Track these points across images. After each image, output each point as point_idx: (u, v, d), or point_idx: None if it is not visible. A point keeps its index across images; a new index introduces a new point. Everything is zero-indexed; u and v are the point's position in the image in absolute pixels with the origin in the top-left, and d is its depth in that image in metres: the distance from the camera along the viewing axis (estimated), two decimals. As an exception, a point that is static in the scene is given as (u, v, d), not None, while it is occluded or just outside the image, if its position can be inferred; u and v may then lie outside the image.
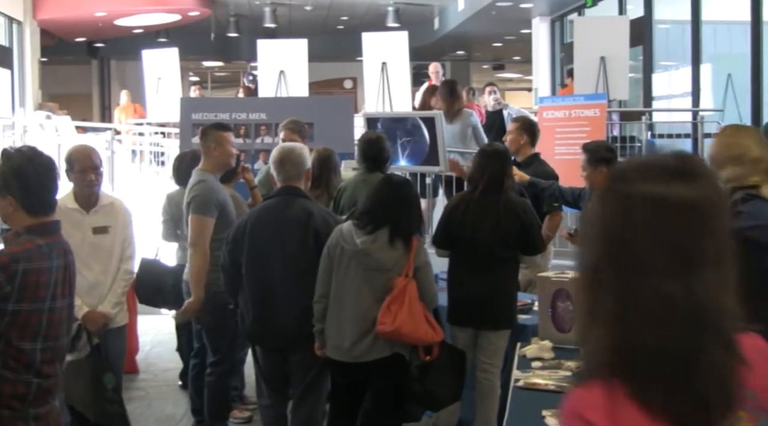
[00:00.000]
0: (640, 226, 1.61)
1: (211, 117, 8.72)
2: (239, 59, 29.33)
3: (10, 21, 18.95)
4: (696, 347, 1.60)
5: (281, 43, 14.68)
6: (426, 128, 8.18)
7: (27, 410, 3.77)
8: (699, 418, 1.60)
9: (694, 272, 1.60)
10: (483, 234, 5.70)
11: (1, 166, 3.83)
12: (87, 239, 5.43)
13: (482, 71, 32.62)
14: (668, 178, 1.63)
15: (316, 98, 15.19)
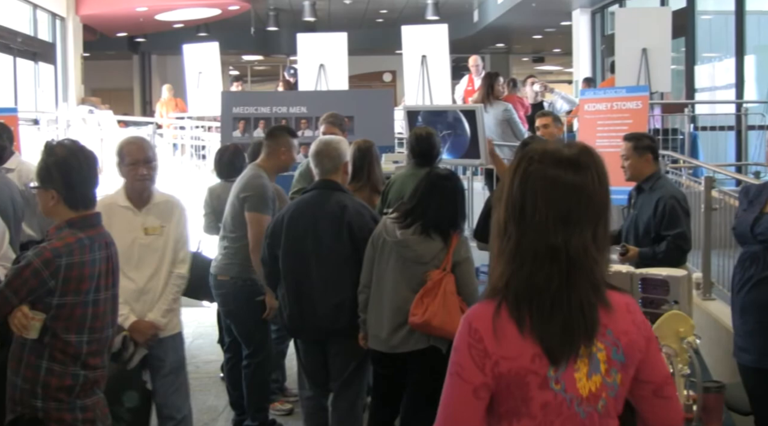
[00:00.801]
0: (537, 197, 2.24)
1: (252, 111, 8.77)
2: (279, 53, 29.40)
3: (54, 17, 19.14)
4: (568, 284, 2.23)
5: (321, 36, 14.69)
6: (467, 121, 8.14)
7: (74, 402, 3.82)
8: (562, 340, 2.22)
9: (572, 232, 2.23)
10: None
11: (44, 160, 3.87)
12: (138, 240, 5.03)
13: (522, 64, 32.48)
14: (562, 165, 2.26)
15: (356, 91, 15.19)
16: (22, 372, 3.78)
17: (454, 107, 10.28)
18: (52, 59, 19.13)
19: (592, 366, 2.26)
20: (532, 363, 2.22)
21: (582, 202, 2.24)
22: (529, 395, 2.23)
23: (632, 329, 2.32)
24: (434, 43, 13.91)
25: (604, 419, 2.30)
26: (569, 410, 2.25)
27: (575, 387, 2.25)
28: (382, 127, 8.70)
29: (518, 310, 2.23)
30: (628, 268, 4.94)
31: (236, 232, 5.94)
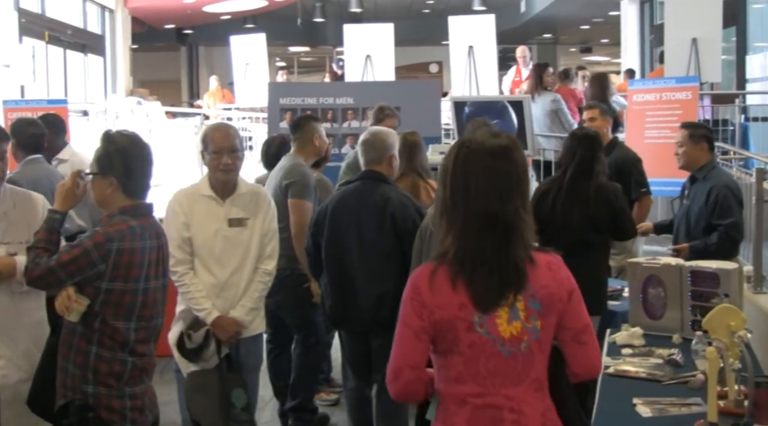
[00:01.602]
0: (478, 179, 2.73)
1: (299, 102, 8.79)
2: (325, 44, 29.45)
3: (103, 9, 19.33)
4: (507, 245, 2.72)
5: (367, 27, 14.69)
6: (514, 112, 8.11)
7: (123, 388, 3.85)
8: (497, 292, 2.70)
9: (506, 203, 2.72)
10: (573, 219, 5.64)
11: (105, 147, 3.91)
12: (221, 232, 4.82)
13: (569, 54, 32.27)
14: (494, 152, 2.76)
15: (403, 82, 15.16)
16: (72, 357, 3.83)
17: (501, 98, 10.23)
18: (101, 51, 19.33)
19: (512, 313, 2.72)
20: (460, 311, 2.71)
21: (511, 180, 2.75)
22: (458, 337, 2.73)
23: (552, 284, 2.78)
24: (481, 34, 13.87)
25: (529, 357, 2.75)
26: (492, 349, 2.72)
27: (497, 330, 2.72)
28: (429, 118, 8.68)
29: (460, 269, 2.72)
30: (678, 261, 4.90)
31: (280, 222, 5.93)
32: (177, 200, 4.89)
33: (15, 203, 4.26)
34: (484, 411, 2.74)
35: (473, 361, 2.73)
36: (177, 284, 4.78)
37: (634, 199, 6.79)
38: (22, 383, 4.15)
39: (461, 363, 2.74)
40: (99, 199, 3.98)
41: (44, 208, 4.33)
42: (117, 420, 3.84)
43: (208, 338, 4.76)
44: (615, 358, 4.44)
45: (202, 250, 4.84)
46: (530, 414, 2.74)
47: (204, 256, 4.84)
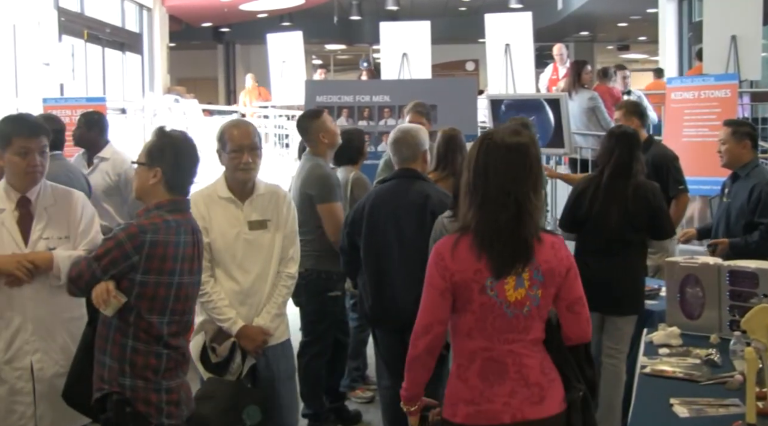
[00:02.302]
0: (497, 164, 3.24)
1: (335, 99, 8.81)
2: (361, 42, 29.46)
3: (141, 8, 19.46)
4: (518, 223, 3.23)
5: (404, 25, 14.69)
6: (551, 110, 8.08)
7: (160, 382, 3.89)
8: (504, 262, 3.23)
9: (519, 186, 3.24)
10: (611, 218, 5.61)
11: (158, 139, 3.98)
12: (242, 236, 4.66)
13: (607, 52, 32.04)
14: (512, 144, 3.27)
15: (440, 80, 15.17)
16: (109, 350, 3.87)
17: (538, 96, 10.21)
18: (139, 49, 19.46)
19: (518, 282, 3.26)
20: (475, 275, 3.26)
21: (524, 169, 3.26)
22: (472, 297, 3.27)
23: (553, 260, 3.32)
24: (518, 32, 13.82)
25: (529, 321, 3.31)
26: (499, 310, 3.27)
27: (505, 295, 3.26)
28: (466, 116, 8.64)
29: (480, 240, 3.24)
30: (716, 260, 4.86)
31: (305, 225, 5.85)
32: (194, 203, 4.49)
33: (55, 199, 4.32)
34: (492, 363, 3.31)
35: (482, 319, 3.29)
36: (198, 293, 4.47)
37: (672, 197, 6.76)
38: (57, 377, 4.22)
39: (472, 320, 3.30)
40: (140, 189, 4.03)
41: (83, 205, 4.38)
42: (154, 413, 3.88)
43: (234, 351, 4.58)
44: (652, 358, 4.42)
45: (223, 255, 4.66)
46: (530, 364, 3.32)
47: (225, 262, 4.67)
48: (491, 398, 3.29)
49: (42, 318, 4.21)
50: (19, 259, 4.12)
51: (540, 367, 3.34)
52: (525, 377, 3.30)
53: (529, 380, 3.31)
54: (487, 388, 3.30)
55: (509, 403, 3.28)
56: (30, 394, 4.20)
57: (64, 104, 10.64)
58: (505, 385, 3.29)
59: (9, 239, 4.19)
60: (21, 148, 4.16)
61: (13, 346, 4.19)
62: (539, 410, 3.30)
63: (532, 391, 3.30)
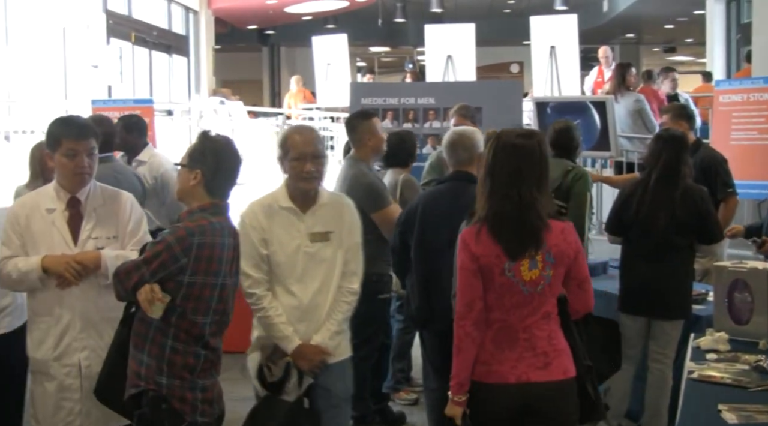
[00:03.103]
0: (501, 163, 3.73)
1: (380, 102, 8.83)
2: (406, 45, 29.48)
3: (187, 11, 19.63)
4: (521, 214, 3.70)
5: (448, 27, 14.69)
6: (597, 113, 8.04)
7: (195, 381, 3.93)
8: (515, 247, 3.70)
9: (522, 182, 3.70)
10: (658, 222, 5.57)
11: (202, 142, 4.04)
12: (303, 248, 4.40)
13: (653, 54, 31.81)
14: (518, 145, 3.74)
15: (485, 82, 15.11)
16: (147, 348, 3.90)
17: (583, 98, 10.16)
18: (185, 52, 19.63)
19: (531, 263, 3.72)
20: (496, 259, 3.73)
21: (528, 167, 3.73)
22: (493, 278, 3.74)
23: (563, 244, 3.78)
24: (563, 34, 13.77)
25: (542, 297, 3.77)
26: (516, 288, 3.74)
27: (521, 275, 3.72)
28: (511, 119, 8.59)
29: (494, 228, 3.73)
30: (765, 265, 4.83)
31: None
32: (253, 213, 4.43)
33: (104, 200, 4.38)
34: (504, 331, 3.79)
35: (501, 296, 3.76)
36: (254, 308, 4.40)
37: (720, 200, 6.70)
38: (104, 375, 4.27)
39: (493, 297, 3.77)
40: (181, 190, 4.09)
41: (132, 205, 4.43)
42: (188, 411, 3.92)
43: (289, 371, 4.35)
44: (699, 363, 4.38)
45: (283, 269, 4.41)
46: (539, 335, 3.78)
47: (284, 275, 4.41)
48: (501, 361, 3.78)
49: (90, 316, 4.27)
50: (68, 261, 4.17)
51: (548, 338, 3.81)
52: (533, 346, 3.78)
53: (536, 349, 3.78)
54: (499, 352, 3.79)
55: (516, 367, 3.76)
56: (78, 390, 4.26)
57: (112, 106, 10.74)
58: (514, 351, 3.78)
59: (59, 239, 4.25)
60: (69, 150, 4.22)
61: (62, 343, 4.26)
62: (543, 375, 3.77)
63: (537, 358, 3.77)
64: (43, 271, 4.17)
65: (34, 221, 4.27)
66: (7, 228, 4.29)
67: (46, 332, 4.28)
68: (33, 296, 4.33)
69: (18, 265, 4.20)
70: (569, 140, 6.35)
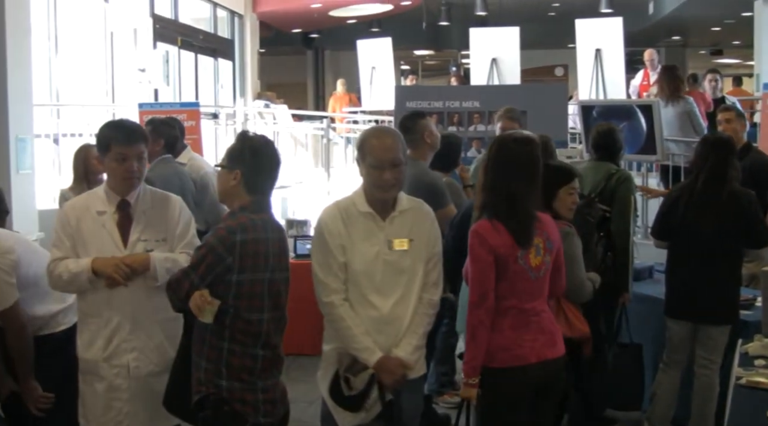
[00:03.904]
0: (496, 165, 4.12)
1: (425, 105, 8.84)
2: (450, 48, 29.45)
3: (232, 15, 19.73)
4: (509, 207, 4.04)
5: (493, 31, 14.66)
6: (643, 116, 7.98)
7: (255, 382, 3.97)
8: (523, 234, 4.05)
9: (512, 180, 4.06)
10: (705, 226, 5.53)
11: (240, 143, 4.08)
12: (382, 256, 4.13)
13: (699, 57, 31.50)
14: (515, 150, 4.12)
15: (530, 86, 15.09)
16: (205, 353, 3.95)
17: (629, 102, 10.10)
18: (230, 55, 19.72)
19: (536, 251, 4.09)
20: (511, 249, 4.03)
21: (521, 169, 4.09)
22: (508, 267, 4.04)
23: (554, 232, 4.24)
24: (609, 37, 13.71)
25: (543, 280, 4.17)
26: (526, 275, 4.07)
27: (530, 262, 4.07)
28: (555, 122, 8.61)
29: (505, 221, 4.04)
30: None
31: None
32: (330, 217, 4.17)
33: (153, 203, 4.43)
34: (519, 316, 4.09)
35: (513, 283, 4.06)
36: (330, 318, 4.15)
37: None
38: (152, 376, 4.33)
39: (507, 286, 4.06)
40: (221, 191, 4.14)
41: (181, 208, 4.48)
42: (251, 412, 3.96)
43: (372, 384, 4.05)
44: (747, 370, 4.35)
45: (361, 277, 4.11)
46: (545, 316, 4.18)
47: (363, 284, 4.11)
48: (521, 344, 4.07)
49: (139, 318, 4.32)
50: (118, 263, 4.22)
51: (549, 318, 4.24)
52: (542, 326, 4.14)
53: (544, 328, 4.15)
54: (518, 336, 4.07)
55: (533, 347, 4.08)
56: (126, 391, 4.31)
57: (159, 109, 10.79)
58: (529, 333, 4.10)
59: (109, 241, 4.30)
60: (119, 155, 4.27)
61: (111, 344, 4.31)
62: (554, 351, 4.16)
63: (547, 336, 4.15)
64: (92, 272, 4.22)
65: (85, 223, 4.33)
66: (58, 230, 4.36)
67: (95, 333, 4.34)
68: (83, 298, 4.39)
69: (69, 267, 4.26)
70: (612, 142, 6.32)
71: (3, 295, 4.58)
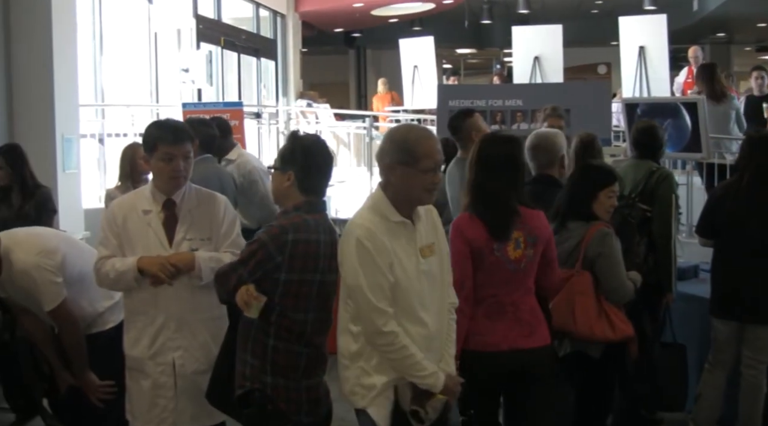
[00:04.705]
0: (478, 164, 4.38)
1: (468, 104, 8.81)
2: (492, 46, 29.34)
3: (275, 14, 19.81)
4: (489, 203, 4.31)
5: (536, 29, 14.61)
6: (688, 114, 7.91)
7: (300, 380, 3.97)
8: (497, 228, 4.27)
9: (492, 179, 4.32)
10: (750, 224, 5.47)
11: (291, 143, 4.06)
12: (420, 266, 3.80)
13: (744, 54, 31.12)
14: (496, 148, 4.45)
15: (573, 83, 14.96)
16: (250, 348, 3.96)
17: (674, 99, 10.00)
18: (273, 55, 19.79)
19: (516, 244, 4.27)
20: (486, 241, 4.27)
21: (501, 167, 4.34)
22: (484, 258, 4.27)
23: (539, 227, 4.37)
24: (652, 34, 13.60)
25: (525, 274, 4.33)
26: (504, 266, 4.28)
27: (508, 254, 4.27)
28: (599, 120, 8.54)
29: (481, 215, 4.28)
30: None
31: None
32: (374, 233, 3.71)
33: (199, 202, 4.46)
34: (494, 305, 4.31)
35: (491, 274, 4.28)
36: (390, 349, 3.69)
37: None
38: (197, 374, 4.37)
39: (484, 275, 4.29)
40: (276, 192, 4.13)
41: (226, 207, 4.51)
42: (294, 411, 3.96)
43: (447, 410, 3.83)
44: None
45: (408, 294, 3.74)
46: (523, 308, 4.33)
47: (410, 302, 3.74)
48: (494, 332, 4.27)
49: (184, 316, 4.36)
50: (163, 262, 4.26)
51: (530, 310, 4.37)
52: (519, 318, 4.31)
53: (522, 320, 4.31)
54: (491, 324, 4.28)
55: (507, 336, 4.27)
56: (171, 388, 4.36)
57: (203, 109, 10.88)
58: (503, 322, 4.29)
59: (155, 240, 4.35)
60: (165, 154, 4.30)
61: (156, 342, 4.36)
62: (529, 342, 4.30)
63: (523, 327, 4.30)
64: (138, 271, 4.27)
65: (131, 222, 4.37)
66: (105, 228, 4.41)
67: (141, 331, 4.39)
68: (129, 296, 4.44)
69: (115, 265, 4.31)
70: (652, 139, 6.23)
71: (51, 295, 4.67)
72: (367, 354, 3.75)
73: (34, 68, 9.09)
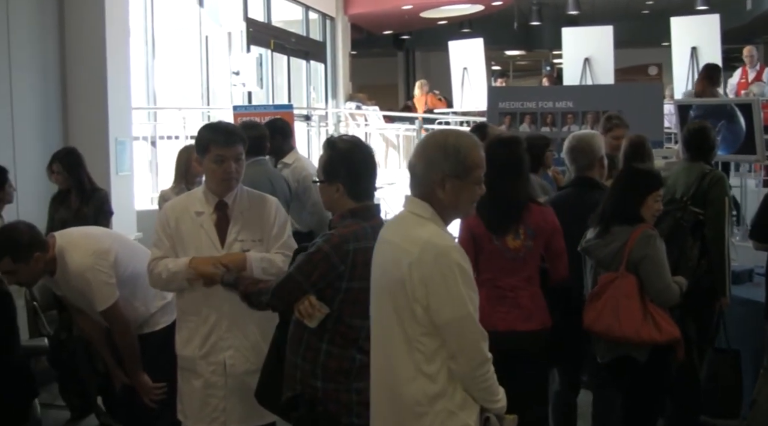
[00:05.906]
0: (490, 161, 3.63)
1: (518, 105, 8.81)
2: (541, 48, 29.21)
3: (324, 17, 19.88)
4: (498, 199, 4.56)
5: (586, 30, 14.51)
6: (742, 116, 7.82)
7: (350, 384, 3.95)
8: (493, 222, 4.79)
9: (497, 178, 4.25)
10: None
11: (329, 154, 3.99)
12: None
13: (799, 54, 30.67)
14: (501, 147, 4.85)
15: (624, 85, 14.84)
16: (302, 352, 3.94)
17: (728, 101, 9.87)
18: (322, 58, 19.86)
19: (515, 236, 4.74)
20: (485, 232, 4.76)
21: (504, 167, 4.63)
22: (483, 246, 4.77)
23: (542, 222, 4.79)
24: (705, 34, 13.44)
25: (524, 263, 4.78)
26: (502, 254, 4.75)
27: (506, 244, 4.74)
28: (651, 122, 8.49)
29: (479, 211, 3.93)
30: None
31: None
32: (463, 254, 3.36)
33: (251, 204, 4.49)
34: (495, 290, 4.75)
35: (490, 261, 4.77)
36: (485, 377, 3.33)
37: None
38: (248, 374, 4.40)
39: (483, 262, 4.78)
40: (327, 203, 4.08)
41: (277, 209, 4.53)
42: (344, 413, 3.93)
43: None
44: None
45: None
46: (522, 294, 4.76)
47: None
48: (492, 314, 4.54)
49: (235, 316, 4.38)
50: (215, 262, 4.29)
51: (530, 296, 4.78)
52: (518, 302, 4.74)
53: (521, 304, 4.74)
54: (490, 307, 4.57)
55: (505, 319, 4.68)
56: (222, 388, 4.41)
57: (253, 112, 10.95)
58: (503, 306, 4.73)
59: (207, 241, 4.39)
60: (217, 156, 4.34)
61: (208, 341, 4.41)
62: (526, 325, 4.71)
63: (522, 311, 4.73)
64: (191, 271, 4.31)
65: (184, 223, 4.42)
66: (158, 229, 4.46)
67: (193, 331, 4.44)
68: (181, 296, 4.49)
69: (168, 266, 4.36)
70: (703, 141, 6.14)
71: (104, 295, 4.72)
72: (450, 393, 3.34)
73: (88, 73, 9.21)
